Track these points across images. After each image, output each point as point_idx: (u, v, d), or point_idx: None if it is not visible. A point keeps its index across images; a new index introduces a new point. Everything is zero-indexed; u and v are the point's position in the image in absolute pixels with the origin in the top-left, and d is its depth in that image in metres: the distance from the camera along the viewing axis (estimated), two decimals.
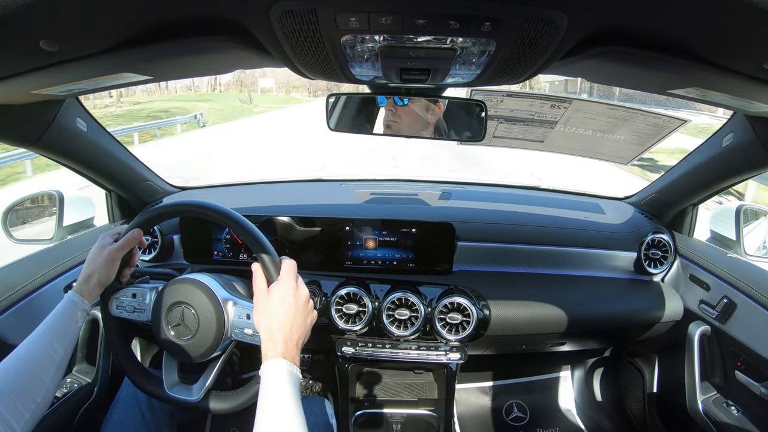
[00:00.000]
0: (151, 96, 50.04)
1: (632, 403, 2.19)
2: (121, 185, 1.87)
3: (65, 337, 1.06)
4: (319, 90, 72.44)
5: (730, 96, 1.00)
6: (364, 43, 0.79)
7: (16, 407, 0.91)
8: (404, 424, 1.96)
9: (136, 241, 1.23)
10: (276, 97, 61.31)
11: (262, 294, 1.08)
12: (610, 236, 1.93)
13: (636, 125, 1.59)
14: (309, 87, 76.81)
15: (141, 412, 1.42)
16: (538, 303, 1.73)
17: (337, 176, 2.51)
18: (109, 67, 0.92)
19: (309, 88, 76.89)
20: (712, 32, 0.70)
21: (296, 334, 1.04)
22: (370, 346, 1.72)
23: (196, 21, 0.74)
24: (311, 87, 75.64)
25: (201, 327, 1.17)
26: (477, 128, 1.40)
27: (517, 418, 2.49)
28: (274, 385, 0.94)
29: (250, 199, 2.22)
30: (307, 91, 75.80)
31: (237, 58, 0.93)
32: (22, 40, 0.71)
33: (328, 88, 46.78)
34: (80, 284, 1.15)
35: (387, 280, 1.76)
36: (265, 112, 34.83)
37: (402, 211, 2.07)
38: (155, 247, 1.85)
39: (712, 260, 1.74)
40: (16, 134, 1.31)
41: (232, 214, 1.17)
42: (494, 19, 0.67)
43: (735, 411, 1.55)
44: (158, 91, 54.90)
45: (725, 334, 1.61)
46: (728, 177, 1.62)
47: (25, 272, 1.50)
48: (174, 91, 58.45)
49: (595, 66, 0.90)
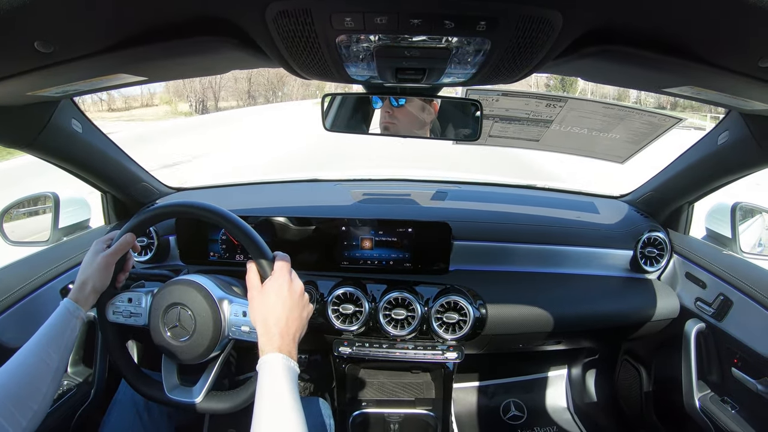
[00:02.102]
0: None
1: (629, 401, 2.20)
2: (117, 186, 1.87)
3: (61, 344, 1.06)
4: (210, 101, 40.99)
5: (725, 94, 1.00)
6: (360, 42, 0.79)
7: (12, 415, 0.91)
8: (402, 423, 1.96)
9: (129, 245, 1.23)
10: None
11: (256, 289, 1.08)
12: (606, 234, 1.94)
13: (631, 124, 1.60)
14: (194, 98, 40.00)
15: (138, 413, 1.42)
16: (535, 302, 1.73)
17: (333, 176, 2.51)
18: (104, 68, 0.91)
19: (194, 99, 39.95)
20: (708, 31, 0.70)
21: (293, 327, 1.04)
22: (367, 346, 1.72)
23: (191, 21, 0.74)
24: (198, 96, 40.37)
25: (198, 327, 1.17)
26: (473, 127, 1.41)
27: (514, 416, 2.49)
28: (272, 379, 0.94)
29: (246, 199, 2.22)
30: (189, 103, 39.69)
31: (232, 58, 0.93)
32: (16, 41, 0.71)
33: (222, 97, 41.47)
34: (75, 291, 1.14)
35: (383, 280, 1.76)
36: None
37: (398, 210, 2.07)
38: (151, 248, 1.84)
39: (708, 258, 1.75)
40: (10, 136, 1.30)
41: (225, 213, 1.16)
42: (489, 18, 0.67)
43: (732, 408, 1.56)
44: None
45: (722, 332, 1.61)
46: (724, 175, 1.62)
47: (21, 275, 1.50)
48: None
49: (590, 65, 0.90)
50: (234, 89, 44.96)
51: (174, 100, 38.94)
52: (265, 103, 44.24)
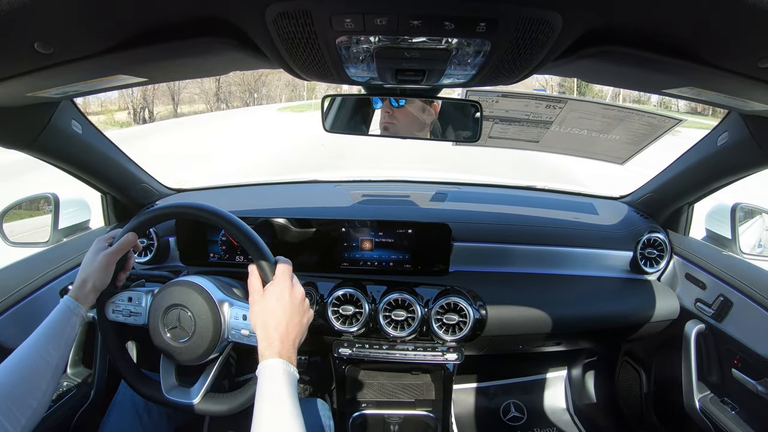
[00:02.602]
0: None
1: (629, 402, 2.20)
2: (117, 187, 1.87)
3: (61, 342, 1.06)
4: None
5: (725, 95, 1.00)
6: (360, 44, 0.79)
7: (11, 412, 0.91)
8: (402, 425, 1.96)
9: (131, 244, 1.23)
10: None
11: (257, 294, 1.08)
12: (605, 236, 1.94)
13: (631, 125, 1.60)
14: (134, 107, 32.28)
15: (138, 414, 1.42)
16: (534, 303, 1.73)
17: (332, 177, 2.51)
18: (104, 69, 0.91)
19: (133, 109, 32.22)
20: (708, 31, 0.70)
21: (293, 333, 1.04)
22: (367, 347, 1.72)
23: (191, 23, 0.74)
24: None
25: (197, 329, 1.17)
26: (473, 129, 1.41)
27: (514, 418, 2.49)
28: (272, 385, 0.95)
29: (246, 201, 2.22)
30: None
31: (232, 59, 0.93)
32: (16, 42, 0.71)
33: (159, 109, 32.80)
34: (76, 289, 1.14)
35: (383, 281, 1.76)
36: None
37: (398, 211, 2.07)
38: (151, 249, 1.84)
39: (708, 259, 1.75)
40: (10, 137, 1.30)
41: (227, 216, 1.16)
42: (489, 19, 0.67)
43: (732, 409, 1.56)
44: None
45: (721, 333, 1.61)
46: (723, 176, 1.62)
47: (21, 275, 1.50)
48: None
49: (590, 66, 0.90)
50: (201, 91, 37.92)
51: (110, 108, 31.74)
52: (242, 107, 39.96)
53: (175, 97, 36.33)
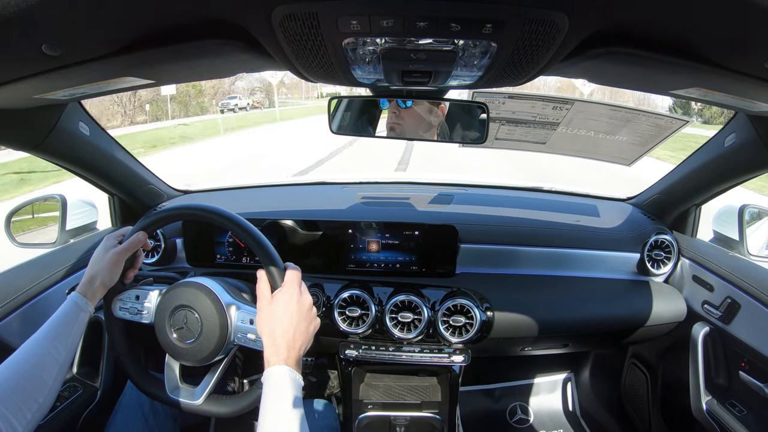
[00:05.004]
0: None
1: (636, 405, 2.19)
2: (124, 189, 1.88)
3: (68, 338, 1.07)
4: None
5: (732, 96, 0.99)
6: (366, 45, 0.79)
7: (18, 407, 0.91)
8: (408, 427, 1.95)
9: (141, 243, 1.23)
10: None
11: (265, 300, 1.08)
12: (612, 237, 1.93)
13: (638, 126, 1.59)
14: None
15: (144, 415, 1.43)
16: (541, 305, 1.73)
17: (339, 179, 2.51)
18: (111, 72, 0.92)
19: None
20: (714, 32, 0.70)
21: (299, 341, 1.04)
22: (373, 349, 1.72)
23: (197, 24, 0.74)
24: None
25: (204, 331, 1.17)
26: (479, 130, 1.40)
27: (520, 420, 2.48)
28: (277, 393, 0.95)
29: (253, 202, 2.23)
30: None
31: (239, 61, 0.93)
32: (23, 44, 0.71)
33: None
34: (84, 285, 1.15)
35: (390, 283, 1.76)
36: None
37: (404, 213, 2.07)
38: (158, 250, 1.85)
39: (716, 261, 1.73)
40: (18, 139, 1.31)
41: (237, 219, 1.17)
42: (495, 21, 0.67)
43: (739, 411, 1.55)
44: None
45: (729, 335, 1.60)
46: (730, 177, 1.62)
47: (29, 276, 1.51)
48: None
49: (596, 67, 0.90)
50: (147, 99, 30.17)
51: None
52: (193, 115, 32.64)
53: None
